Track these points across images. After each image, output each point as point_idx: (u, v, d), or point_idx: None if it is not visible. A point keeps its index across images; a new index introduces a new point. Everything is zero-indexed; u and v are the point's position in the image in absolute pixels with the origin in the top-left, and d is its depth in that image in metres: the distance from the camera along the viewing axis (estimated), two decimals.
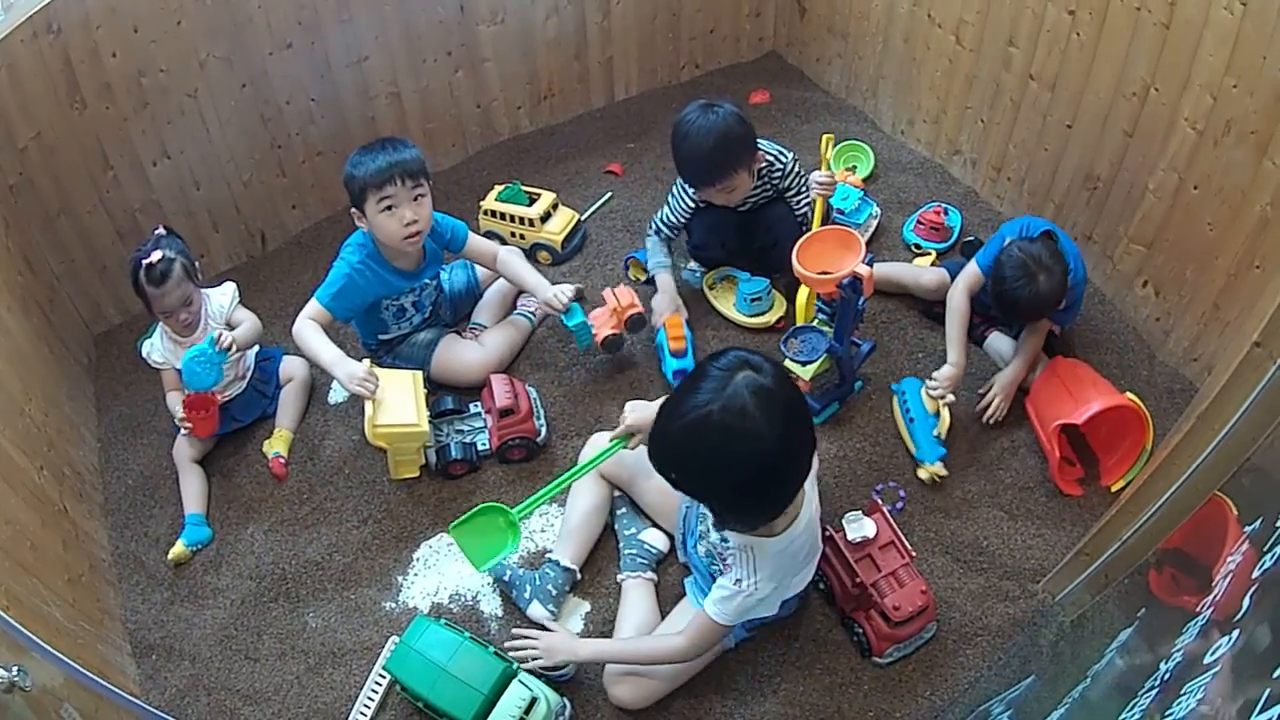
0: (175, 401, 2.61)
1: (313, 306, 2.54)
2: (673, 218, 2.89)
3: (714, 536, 1.99)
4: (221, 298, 2.68)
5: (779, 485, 1.75)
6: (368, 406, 2.39)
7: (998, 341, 2.71)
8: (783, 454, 1.67)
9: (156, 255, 2.45)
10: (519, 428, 2.54)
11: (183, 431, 2.61)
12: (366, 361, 2.49)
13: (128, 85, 2.73)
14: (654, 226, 2.95)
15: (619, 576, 2.30)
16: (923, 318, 2.85)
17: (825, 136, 2.69)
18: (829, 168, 2.69)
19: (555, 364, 2.83)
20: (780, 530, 1.87)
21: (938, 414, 2.51)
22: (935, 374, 2.53)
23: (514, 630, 2.17)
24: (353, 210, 2.53)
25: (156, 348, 2.60)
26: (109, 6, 2.58)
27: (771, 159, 2.77)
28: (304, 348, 2.52)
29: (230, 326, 2.66)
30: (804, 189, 2.80)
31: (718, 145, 2.58)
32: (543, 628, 2.17)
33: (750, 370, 1.66)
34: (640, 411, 2.13)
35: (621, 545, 2.36)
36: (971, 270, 2.64)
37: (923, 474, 2.48)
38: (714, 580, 2.13)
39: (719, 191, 2.70)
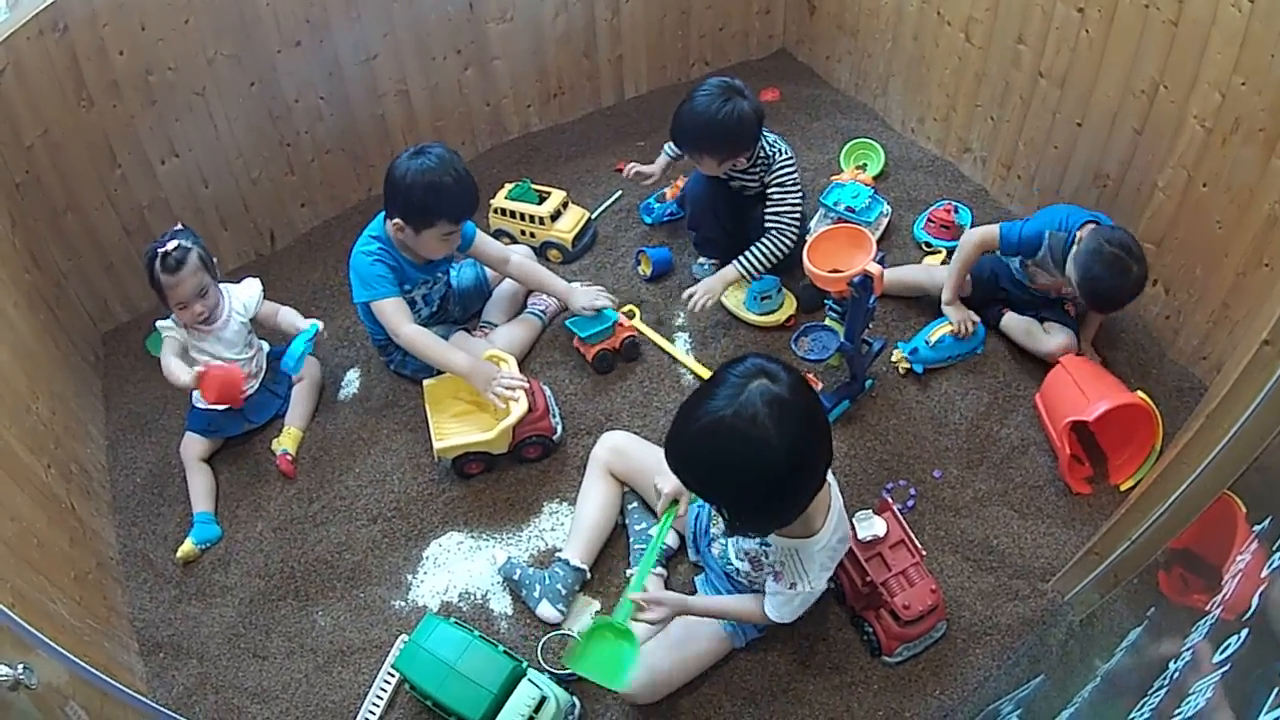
0: (174, 364, 2.56)
1: (389, 307, 2.56)
2: None
3: (749, 542, 1.98)
4: (247, 293, 2.69)
5: (787, 494, 1.73)
6: (433, 422, 2.53)
7: (1013, 321, 2.74)
8: (792, 464, 1.66)
9: (172, 244, 2.47)
10: (535, 426, 2.52)
11: (198, 401, 2.61)
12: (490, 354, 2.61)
13: (135, 83, 2.73)
14: None
15: (628, 572, 2.29)
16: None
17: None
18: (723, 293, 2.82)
19: (566, 362, 2.82)
20: (818, 529, 1.88)
21: (955, 334, 2.69)
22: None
23: (631, 597, 1.97)
24: (394, 222, 2.52)
25: (170, 328, 2.59)
26: (116, 4, 2.59)
27: (767, 154, 2.77)
28: (427, 356, 2.56)
29: (258, 321, 2.71)
30: (787, 191, 2.77)
31: (698, 128, 2.67)
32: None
33: (766, 379, 1.65)
34: (673, 478, 2.13)
35: (632, 541, 2.35)
36: (991, 229, 2.65)
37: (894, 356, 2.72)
38: (729, 579, 2.14)
39: (686, 154, 2.82)
